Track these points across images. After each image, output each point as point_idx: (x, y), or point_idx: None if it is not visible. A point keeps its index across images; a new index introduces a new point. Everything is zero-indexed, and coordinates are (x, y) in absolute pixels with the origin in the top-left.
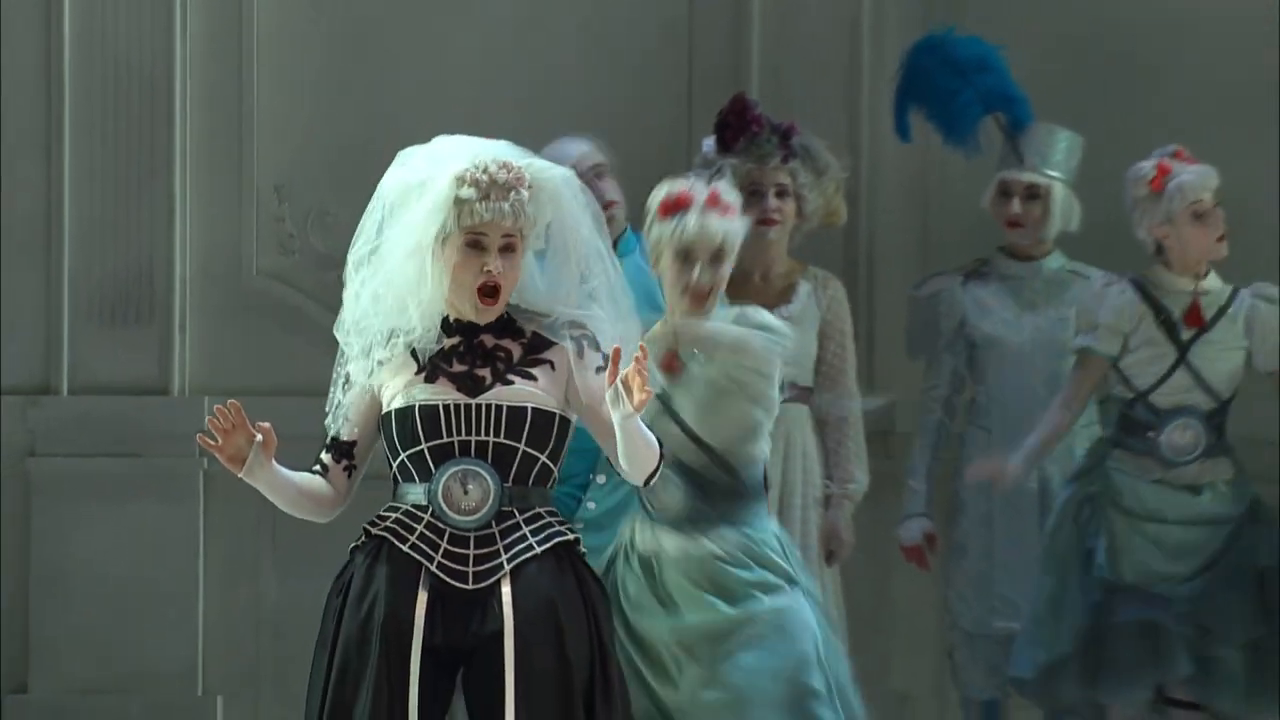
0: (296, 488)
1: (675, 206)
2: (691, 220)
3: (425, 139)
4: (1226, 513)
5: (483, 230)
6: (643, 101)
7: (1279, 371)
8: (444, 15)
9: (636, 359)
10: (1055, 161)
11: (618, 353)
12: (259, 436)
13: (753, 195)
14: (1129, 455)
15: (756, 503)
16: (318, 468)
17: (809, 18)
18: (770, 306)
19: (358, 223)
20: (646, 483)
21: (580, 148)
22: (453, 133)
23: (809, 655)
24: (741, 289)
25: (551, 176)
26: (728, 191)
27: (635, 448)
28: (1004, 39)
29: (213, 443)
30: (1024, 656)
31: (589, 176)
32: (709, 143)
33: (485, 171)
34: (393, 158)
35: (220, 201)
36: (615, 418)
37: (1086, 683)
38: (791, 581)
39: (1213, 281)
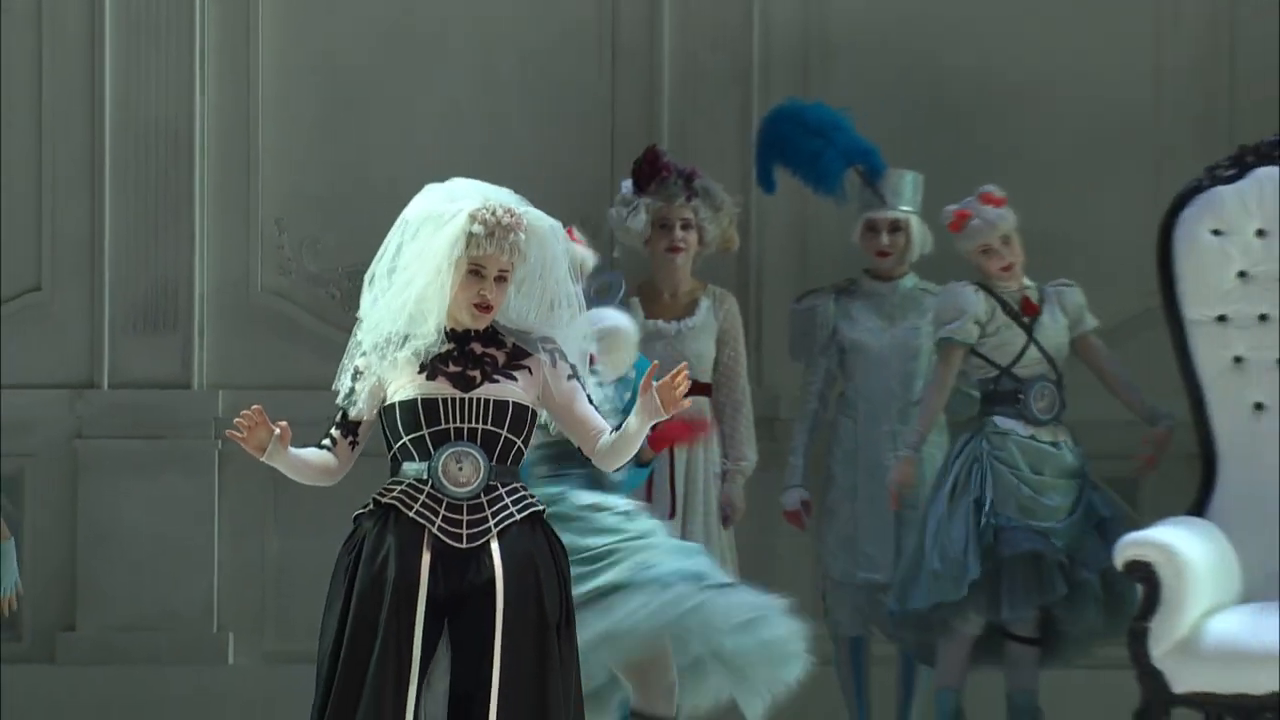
0: (307, 463)
1: None
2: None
3: (397, 182)
4: (1078, 466)
5: (483, 262)
6: (574, 150)
7: (1089, 336)
8: (412, 80)
9: (677, 375)
10: (909, 198)
11: (655, 367)
12: (277, 430)
13: (662, 228)
14: (1003, 420)
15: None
16: (327, 441)
17: (708, 84)
18: (677, 318)
19: (343, 249)
20: (610, 468)
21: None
22: (420, 175)
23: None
24: (653, 304)
25: (543, 225)
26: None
27: (632, 446)
28: (864, 97)
29: (239, 435)
30: (916, 594)
31: None
32: (627, 184)
33: (494, 214)
34: (369, 197)
35: (231, 232)
36: (639, 419)
37: (990, 609)
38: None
39: (1028, 281)
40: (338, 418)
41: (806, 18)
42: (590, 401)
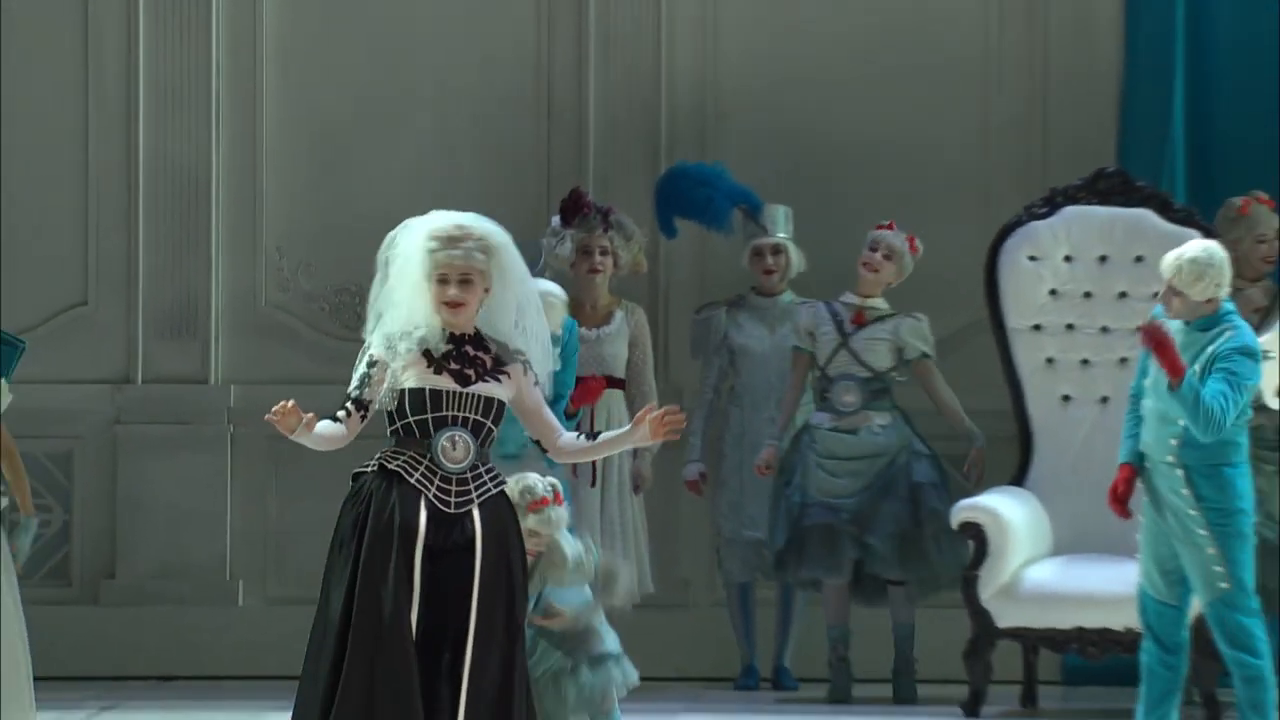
0: (324, 437)
1: None
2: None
3: (374, 217)
4: (884, 447)
5: (445, 270)
6: (515, 192)
7: (920, 361)
8: (385, 136)
9: (671, 413)
10: (784, 227)
11: (652, 407)
12: (306, 418)
13: (584, 254)
14: (817, 415)
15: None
16: (341, 414)
17: (624, 140)
18: (597, 326)
19: (331, 271)
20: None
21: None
22: (393, 212)
23: None
24: (578, 314)
25: (497, 235)
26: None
27: (599, 454)
28: (749, 148)
29: (275, 419)
30: (772, 546)
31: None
32: (556, 219)
33: (444, 230)
34: (351, 229)
35: (240, 257)
36: (622, 439)
37: (798, 565)
38: None
39: (880, 302)
40: (353, 396)
41: (703, 87)
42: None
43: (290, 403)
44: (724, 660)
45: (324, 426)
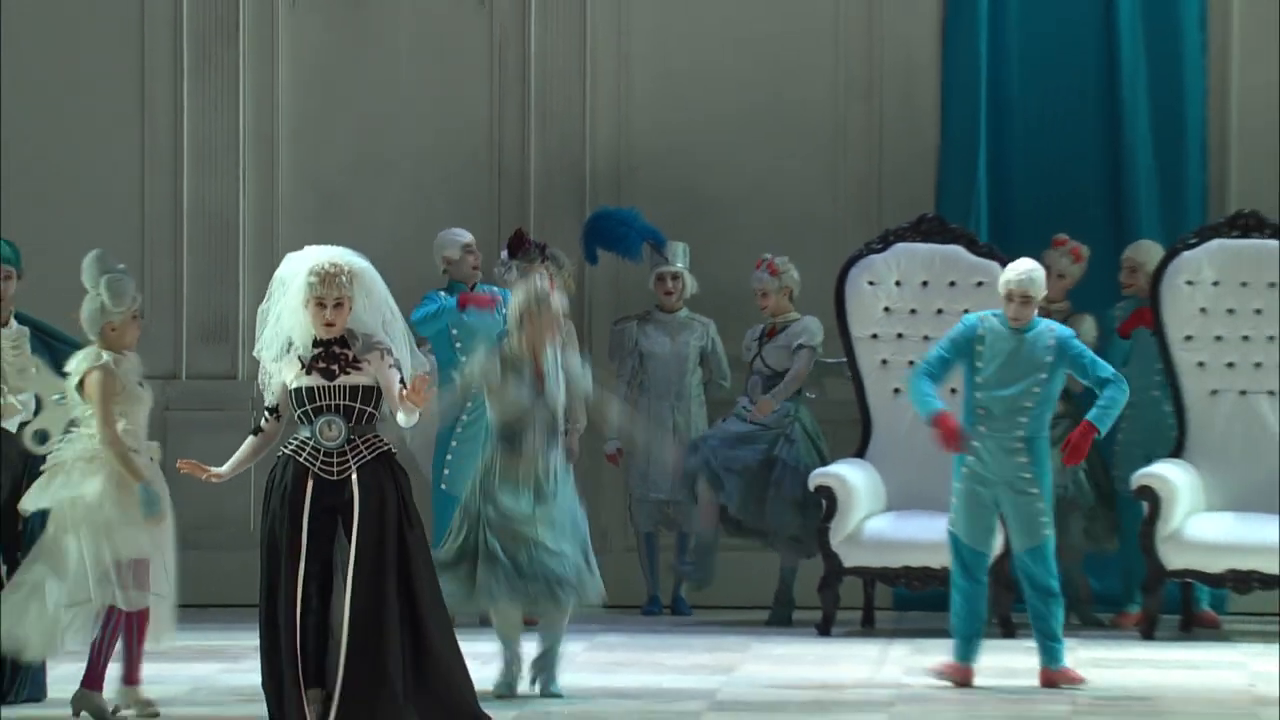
0: (243, 462)
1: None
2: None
3: (368, 249)
4: (770, 431)
5: (322, 298)
6: (472, 230)
7: (800, 350)
8: (374, 189)
9: (418, 383)
10: (682, 259)
11: (422, 380)
12: (210, 470)
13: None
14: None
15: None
16: (263, 423)
17: (558, 192)
18: None
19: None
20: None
21: (465, 235)
22: (380, 251)
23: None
24: None
25: (364, 267)
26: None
27: (411, 419)
28: (654, 197)
29: (190, 471)
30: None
31: (469, 249)
32: (504, 254)
33: (321, 267)
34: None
35: (261, 280)
36: (410, 409)
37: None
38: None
39: (791, 316)
40: (267, 407)
41: (618, 149)
42: (402, 382)
43: (190, 462)
44: (634, 593)
45: (243, 449)
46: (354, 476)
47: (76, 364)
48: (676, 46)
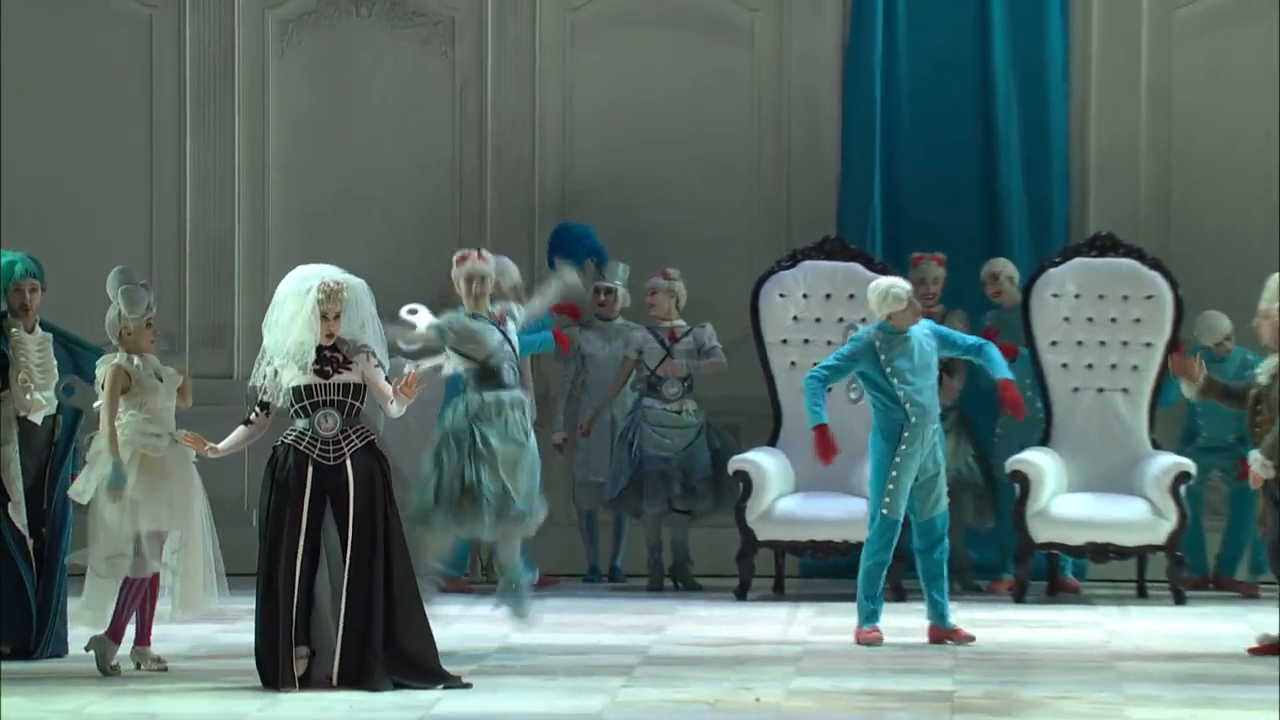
0: (236, 445)
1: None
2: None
3: (347, 269)
4: (693, 423)
5: (325, 312)
6: (437, 251)
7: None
8: (353, 218)
9: (410, 379)
10: (620, 276)
11: (413, 377)
12: (209, 445)
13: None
14: (648, 399)
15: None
16: (252, 416)
17: (514, 215)
18: None
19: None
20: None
21: (510, 265)
22: (359, 264)
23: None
24: None
25: (357, 285)
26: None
27: (401, 409)
28: (598, 219)
29: (191, 444)
30: (613, 489)
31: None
32: (505, 260)
33: (327, 283)
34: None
35: (254, 295)
36: (402, 401)
37: (637, 500)
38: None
39: (680, 321)
40: (259, 402)
41: (563, 177)
42: (386, 379)
43: (194, 435)
44: (577, 563)
45: (236, 435)
46: (348, 462)
47: (100, 365)
48: (613, 91)
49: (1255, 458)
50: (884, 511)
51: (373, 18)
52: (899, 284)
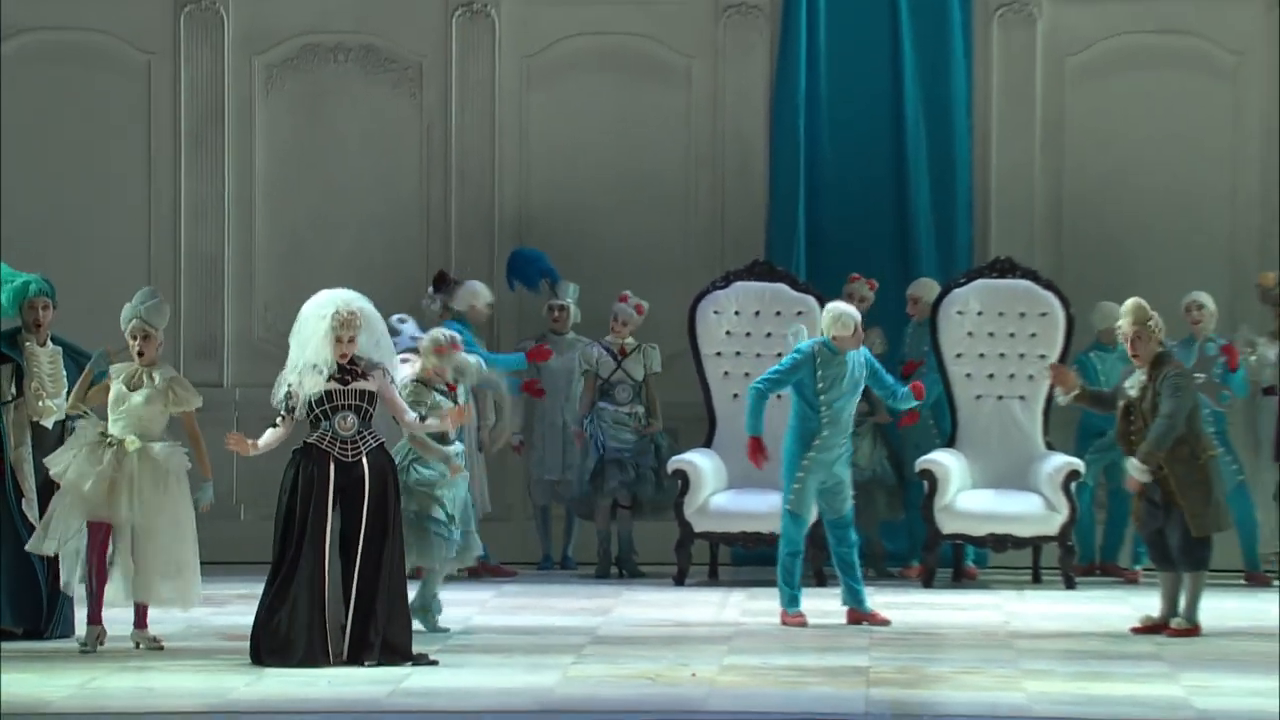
0: (271, 442)
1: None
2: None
3: (325, 288)
4: (643, 422)
5: (340, 335)
6: (407, 272)
7: (650, 375)
8: (330, 236)
9: (461, 410)
10: (571, 295)
11: (460, 411)
12: (251, 441)
13: (446, 309)
14: (603, 404)
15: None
16: (279, 420)
17: (477, 239)
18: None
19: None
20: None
21: (481, 287)
22: (335, 284)
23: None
24: None
25: (369, 309)
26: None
27: (429, 429)
28: (551, 244)
29: (235, 446)
30: (575, 488)
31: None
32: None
33: (344, 311)
34: (310, 295)
35: (242, 310)
36: (444, 424)
37: (594, 497)
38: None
39: (631, 339)
40: (284, 409)
41: (520, 204)
42: (399, 394)
43: (237, 436)
44: (532, 553)
45: (268, 435)
46: (364, 460)
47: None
48: (565, 129)
49: (1133, 464)
50: (789, 508)
51: (349, 63)
52: (851, 313)
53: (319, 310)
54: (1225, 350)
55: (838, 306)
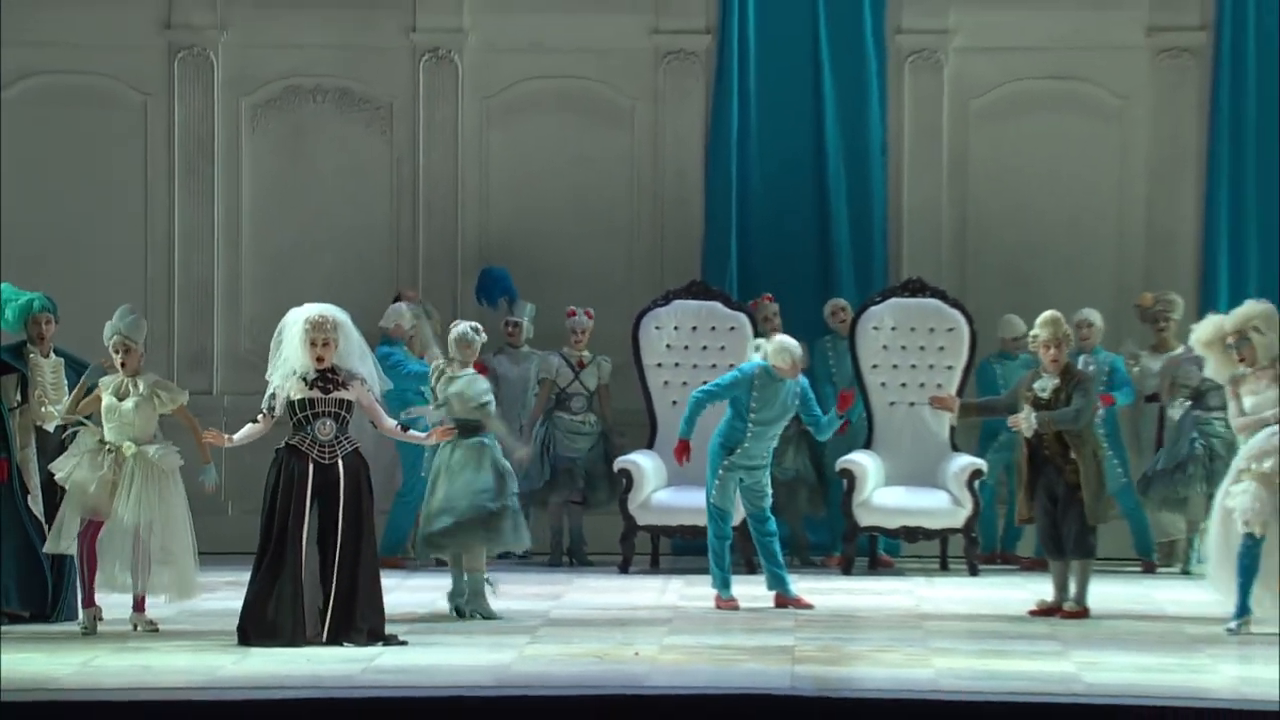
0: (248, 436)
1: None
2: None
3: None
4: (594, 431)
5: (315, 340)
6: (378, 291)
7: (605, 384)
8: (310, 256)
9: (445, 430)
10: (526, 313)
11: (442, 432)
12: (227, 436)
13: (418, 321)
14: (559, 414)
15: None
16: (259, 417)
17: (438, 259)
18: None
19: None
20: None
21: (407, 312)
22: (315, 300)
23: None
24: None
25: (345, 320)
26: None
27: (407, 440)
28: (516, 264)
29: (213, 439)
30: (528, 484)
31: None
32: (401, 306)
33: (315, 318)
34: (281, 313)
35: (230, 325)
36: (425, 439)
37: (547, 493)
38: None
39: (587, 351)
40: (265, 408)
41: (481, 229)
42: (377, 401)
43: (214, 431)
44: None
45: (246, 430)
46: (340, 463)
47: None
48: (521, 164)
49: (1035, 415)
50: (713, 503)
51: (326, 104)
52: (793, 347)
53: (294, 319)
54: (1103, 399)
55: (783, 340)
